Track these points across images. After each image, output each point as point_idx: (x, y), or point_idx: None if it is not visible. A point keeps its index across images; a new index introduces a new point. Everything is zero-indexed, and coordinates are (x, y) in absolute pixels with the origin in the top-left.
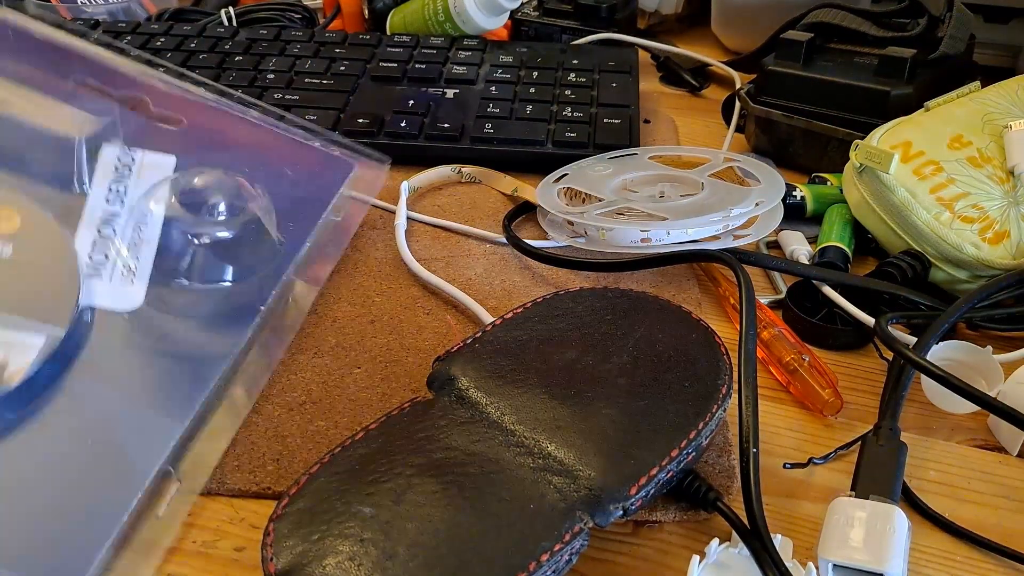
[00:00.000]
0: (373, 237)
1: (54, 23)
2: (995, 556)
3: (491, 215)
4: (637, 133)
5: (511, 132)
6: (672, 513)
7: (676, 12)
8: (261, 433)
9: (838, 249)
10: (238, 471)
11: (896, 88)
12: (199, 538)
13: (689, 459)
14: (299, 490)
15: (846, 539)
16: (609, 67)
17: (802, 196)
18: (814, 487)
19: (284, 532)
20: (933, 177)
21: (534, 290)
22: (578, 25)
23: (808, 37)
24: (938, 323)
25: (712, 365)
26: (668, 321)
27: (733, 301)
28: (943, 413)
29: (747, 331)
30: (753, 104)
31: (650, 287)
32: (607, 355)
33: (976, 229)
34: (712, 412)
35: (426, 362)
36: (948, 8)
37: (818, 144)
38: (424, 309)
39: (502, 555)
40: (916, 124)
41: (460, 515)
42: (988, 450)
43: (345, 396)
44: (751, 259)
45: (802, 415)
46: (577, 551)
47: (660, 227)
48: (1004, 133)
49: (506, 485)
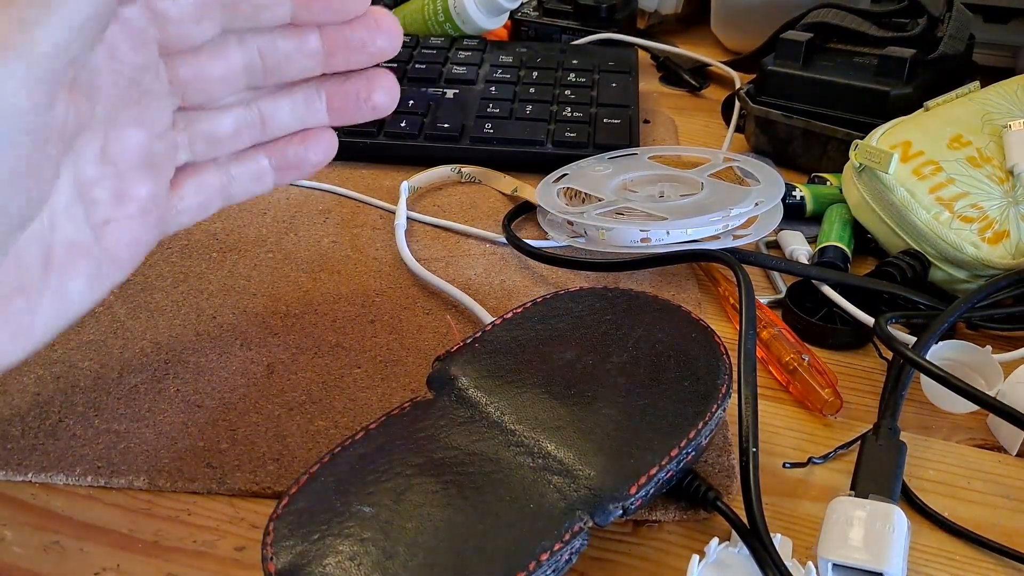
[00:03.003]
0: (373, 237)
1: None
2: (995, 556)
3: (491, 215)
4: (637, 133)
5: (511, 132)
6: (672, 513)
7: (676, 12)
8: (261, 433)
9: (838, 249)
10: (238, 471)
11: (896, 88)
12: (199, 538)
13: (689, 459)
14: (299, 490)
15: (846, 538)
16: (609, 67)
17: (802, 196)
18: (814, 487)
19: (284, 532)
20: (933, 177)
21: (534, 290)
22: (578, 25)
23: (808, 37)
24: (938, 323)
25: (712, 365)
26: (668, 321)
27: (733, 301)
28: (942, 413)
29: (747, 331)
30: (753, 104)
31: (650, 287)
32: (607, 355)
33: (975, 229)
34: (712, 412)
35: (426, 362)
36: (948, 8)
37: (818, 144)
38: (424, 309)
39: (502, 554)
40: (916, 124)
41: (460, 515)
42: (987, 450)
43: (345, 396)
44: (751, 259)
45: (802, 415)
46: (577, 551)
47: (660, 227)
48: (1003, 133)
49: (506, 485)
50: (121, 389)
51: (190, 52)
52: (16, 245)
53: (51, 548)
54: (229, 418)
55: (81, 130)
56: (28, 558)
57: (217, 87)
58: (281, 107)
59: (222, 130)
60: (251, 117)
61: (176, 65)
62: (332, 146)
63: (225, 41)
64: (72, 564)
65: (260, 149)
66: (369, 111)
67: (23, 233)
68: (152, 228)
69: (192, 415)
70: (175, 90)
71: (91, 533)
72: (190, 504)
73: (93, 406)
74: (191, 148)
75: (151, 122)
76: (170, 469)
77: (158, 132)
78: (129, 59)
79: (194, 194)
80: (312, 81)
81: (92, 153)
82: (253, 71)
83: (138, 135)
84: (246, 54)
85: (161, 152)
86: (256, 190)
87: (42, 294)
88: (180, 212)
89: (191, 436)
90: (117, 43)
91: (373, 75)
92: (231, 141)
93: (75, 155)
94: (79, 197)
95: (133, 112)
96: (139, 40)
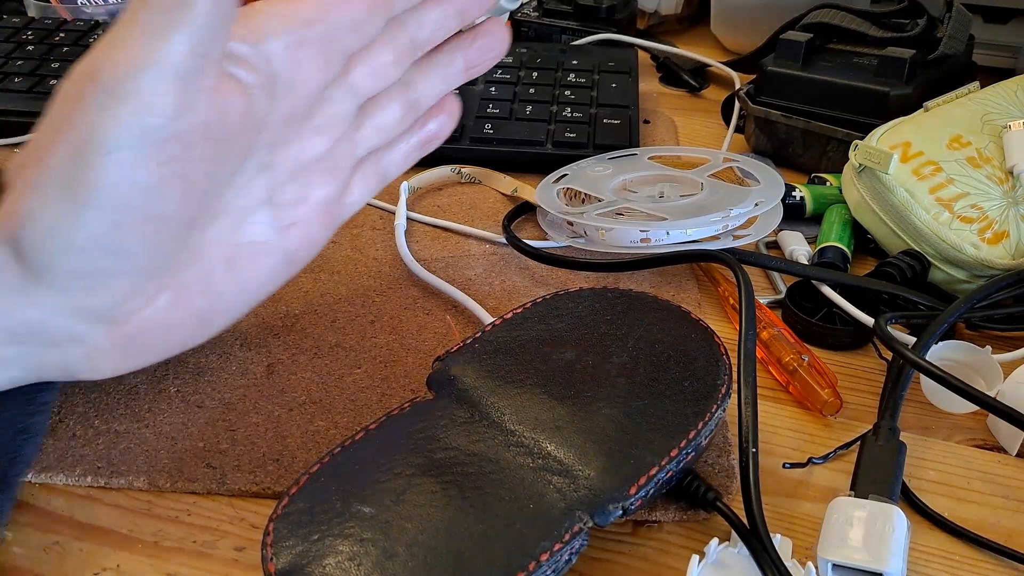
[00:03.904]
0: (373, 237)
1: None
2: (994, 556)
3: (491, 215)
4: (637, 133)
5: (511, 132)
6: (672, 513)
7: (676, 12)
8: (261, 433)
9: (837, 249)
10: (238, 471)
11: (895, 88)
12: (199, 538)
13: (688, 459)
14: (299, 490)
15: (845, 539)
16: (609, 67)
17: (802, 196)
18: (813, 487)
19: (284, 532)
20: (932, 177)
21: (534, 290)
22: (578, 25)
23: (808, 37)
24: (937, 323)
25: (711, 365)
26: (667, 321)
27: (733, 301)
28: (942, 413)
29: (746, 331)
30: (752, 104)
31: (650, 287)
32: (607, 355)
33: (975, 229)
34: (711, 412)
35: (426, 362)
36: (947, 8)
37: (818, 144)
38: (424, 309)
39: (502, 555)
40: (915, 124)
41: (460, 515)
42: (987, 450)
43: (345, 396)
44: (751, 259)
45: (801, 415)
46: (577, 551)
47: (660, 227)
48: (1003, 133)
49: (506, 485)
50: (121, 389)
51: (364, 49)
52: (200, 247)
53: (51, 548)
54: (229, 418)
55: (247, 137)
56: (28, 558)
57: (386, 76)
58: (430, 79)
59: (391, 118)
60: (412, 97)
61: (351, 65)
62: (456, 111)
63: (389, 27)
64: (72, 564)
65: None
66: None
67: (197, 234)
68: (327, 227)
69: (192, 415)
70: (353, 92)
71: (91, 533)
72: (190, 504)
73: (93, 406)
74: (364, 143)
75: (333, 127)
76: (170, 469)
77: (339, 136)
78: (313, 77)
79: (360, 187)
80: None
81: (286, 160)
82: (414, 47)
83: (323, 141)
84: (407, 32)
85: (342, 154)
86: (405, 168)
87: (223, 292)
88: (347, 206)
89: (191, 436)
90: (301, 59)
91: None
92: (398, 126)
93: (268, 162)
94: (269, 202)
95: (317, 120)
96: (324, 54)
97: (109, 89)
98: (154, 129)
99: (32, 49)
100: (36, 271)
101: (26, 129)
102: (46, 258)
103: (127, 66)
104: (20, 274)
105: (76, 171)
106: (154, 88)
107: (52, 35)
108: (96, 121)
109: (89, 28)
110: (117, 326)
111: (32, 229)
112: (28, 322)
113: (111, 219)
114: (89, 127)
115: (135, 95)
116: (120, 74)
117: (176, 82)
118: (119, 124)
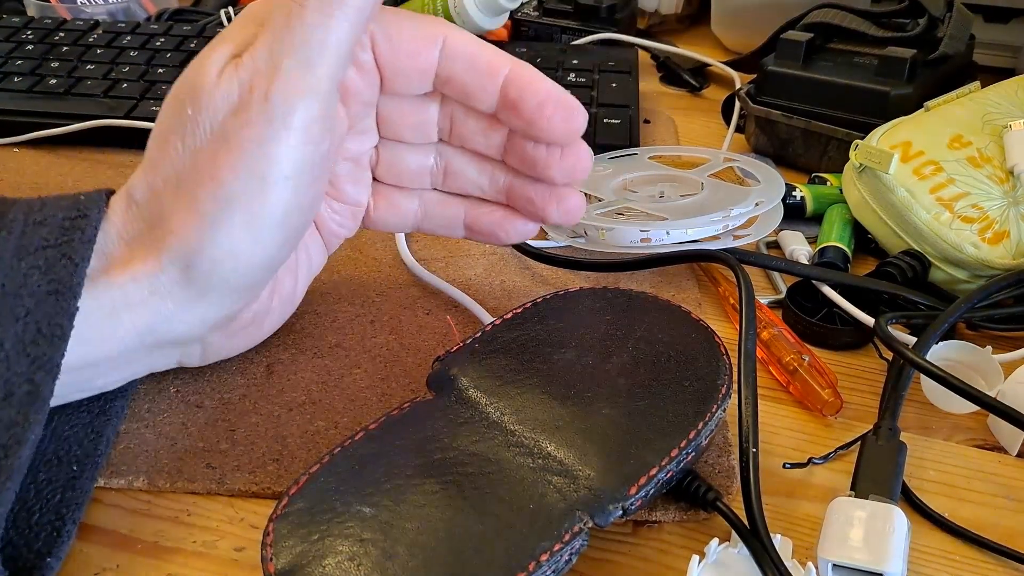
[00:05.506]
0: (373, 237)
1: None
2: (995, 556)
3: None
4: (637, 133)
5: None
6: (672, 513)
7: (676, 12)
8: (261, 433)
9: (838, 249)
10: (238, 471)
11: (896, 88)
12: (199, 538)
13: (689, 459)
14: (299, 490)
15: (846, 539)
16: (609, 67)
17: (802, 196)
18: (814, 487)
19: (284, 532)
20: (933, 177)
21: (534, 290)
22: (578, 25)
23: (808, 37)
24: (938, 323)
25: (712, 365)
26: (668, 321)
27: (733, 301)
28: (943, 413)
29: (747, 331)
30: (753, 104)
31: (650, 287)
32: (607, 355)
33: (976, 229)
34: (712, 412)
35: (426, 362)
36: (948, 8)
37: (818, 144)
38: (424, 309)
39: (502, 555)
40: (916, 124)
41: (460, 515)
42: (988, 450)
43: (345, 396)
44: (751, 259)
45: (802, 415)
46: (577, 551)
47: (660, 227)
48: (1004, 133)
49: (506, 485)
50: None
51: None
52: None
53: None
54: (229, 418)
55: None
56: None
57: (409, 132)
58: (466, 167)
59: (403, 165)
60: (432, 163)
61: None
62: (524, 233)
63: (428, 98)
64: (72, 564)
65: (461, 202)
66: (538, 219)
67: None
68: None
69: (192, 415)
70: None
71: (91, 533)
72: (190, 505)
73: None
74: (376, 169)
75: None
76: (170, 469)
77: (365, 150)
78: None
79: (385, 208)
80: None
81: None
82: (442, 129)
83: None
84: (440, 114)
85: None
86: (446, 232)
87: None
88: (373, 220)
89: (191, 436)
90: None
91: (557, 190)
92: (412, 177)
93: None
94: None
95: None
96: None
97: (281, 118)
98: (319, 156)
99: (32, 49)
100: (203, 289)
101: (26, 129)
102: (219, 280)
103: (297, 95)
104: (186, 291)
105: (255, 200)
106: (312, 115)
107: (52, 35)
108: (272, 152)
109: (89, 28)
110: (232, 322)
111: (212, 254)
112: (178, 331)
113: (282, 238)
114: (266, 157)
115: (302, 128)
116: (291, 105)
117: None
118: (291, 154)
